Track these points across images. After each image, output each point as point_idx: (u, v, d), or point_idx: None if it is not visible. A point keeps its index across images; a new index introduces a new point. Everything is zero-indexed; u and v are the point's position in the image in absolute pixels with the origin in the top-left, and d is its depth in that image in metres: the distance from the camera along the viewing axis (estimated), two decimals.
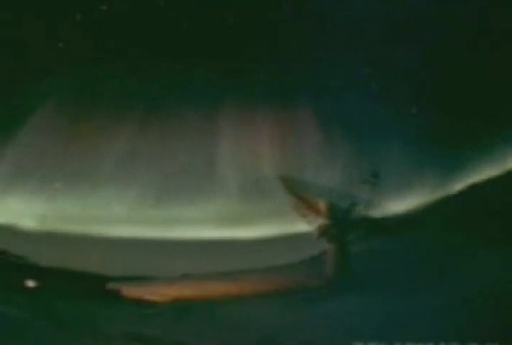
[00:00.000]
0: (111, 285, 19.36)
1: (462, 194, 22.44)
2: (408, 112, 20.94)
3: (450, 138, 20.90)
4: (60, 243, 20.41)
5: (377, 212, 19.46)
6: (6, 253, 18.79)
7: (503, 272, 12.18)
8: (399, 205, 21.27)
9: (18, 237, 19.79)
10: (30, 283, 17.19)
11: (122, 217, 22.01)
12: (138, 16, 19.11)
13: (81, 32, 19.08)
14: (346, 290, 16.58)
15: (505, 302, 8.84)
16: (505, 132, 20.45)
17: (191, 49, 19.73)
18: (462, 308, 9.50)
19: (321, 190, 19.38)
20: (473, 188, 22.25)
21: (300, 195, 19.55)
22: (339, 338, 9.05)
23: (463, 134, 20.75)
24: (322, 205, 19.39)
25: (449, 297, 10.99)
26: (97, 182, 21.18)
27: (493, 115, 20.01)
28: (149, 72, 19.75)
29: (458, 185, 22.29)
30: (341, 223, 19.43)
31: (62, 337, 9.16)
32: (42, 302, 14.01)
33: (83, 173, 21.06)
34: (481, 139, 20.81)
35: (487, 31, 18.49)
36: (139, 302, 17.79)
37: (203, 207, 22.18)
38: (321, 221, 19.35)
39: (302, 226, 20.72)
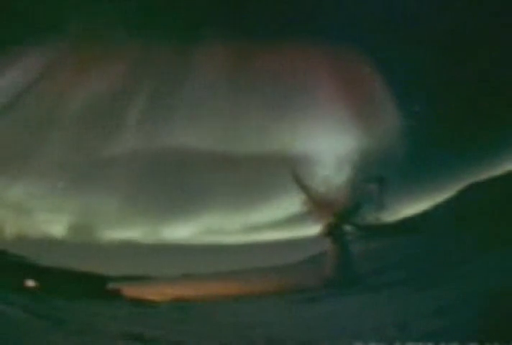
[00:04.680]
0: (111, 285, 19.36)
1: (462, 194, 22.44)
2: (411, 110, 20.94)
3: (452, 138, 20.93)
4: (61, 244, 20.44)
5: (379, 213, 19.56)
6: (6, 253, 18.79)
7: (502, 272, 12.18)
8: (400, 205, 21.31)
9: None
10: (30, 283, 17.18)
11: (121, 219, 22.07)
12: None
13: None
14: (346, 290, 16.60)
15: (505, 302, 8.83)
16: (505, 133, 20.45)
17: None
18: (462, 308, 9.51)
19: (328, 190, 19.50)
20: (473, 188, 22.26)
21: (309, 193, 19.66)
22: (339, 338, 9.05)
23: (464, 135, 20.77)
24: (328, 204, 19.51)
25: (449, 297, 10.99)
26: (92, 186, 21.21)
27: (494, 116, 20.01)
28: None
29: (458, 185, 22.31)
30: (344, 224, 19.53)
31: (62, 337, 9.15)
32: (42, 302, 14.00)
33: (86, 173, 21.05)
34: (482, 139, 20.81)
35: (497, 34, 18.44)
36: (139, 302, 17.79)
37: (203, 211, 22.23)
38: (326, 221, 19.47)
39: (303, 227, 20.78)
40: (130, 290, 19.22)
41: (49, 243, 19.86)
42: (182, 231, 22.67)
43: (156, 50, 19.77)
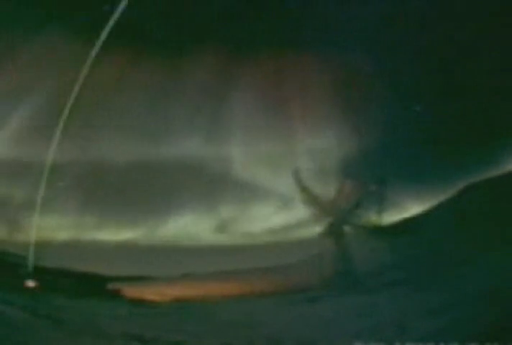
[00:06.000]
0: (111, 285, 19.35)
1: (462, 194, 22.44)
2: (412, 110, 20.92)
3: (452, 138, 20.92)
4: (61, 244, 20.42)
5: (379, 213, 19.57)
6: (6, 253, 18.79)
7: (502, 273, 12.19)
8: (400, 206, 21.30)
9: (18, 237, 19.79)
10: (30, 283, 17.19)
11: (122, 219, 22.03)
12: None
13: None
14: (347, 290, 16.62)
15: (505, 302, 8.85)
16: (505, 133, 20.45)
17: None
18: (462, 308, 9.52)
19: (328, 190, 19.53)
20: (473, 188, 22.26)
21: (309, 193, 19.68)
22: (339, 338, 9.07)
23: (465, 135, 20.76)
24: (328, 204, 19.54)
25: (449, 298, 11.01)
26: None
27: (495, 116, 20.01)
28: None
29: (458, 185, 22.28)
30: (344, 224, 19.57)
31: (62, 337, 9.17)
32: (42, 302, 14.02)
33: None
34: (482, 139, 20.81)
35: (497, 34, 18.43)
36: (139, 302, 17.78)
37: (203, 208, 22.18)
38: (326, 221, 19.51)
39: (303, 227, 20.77)
40: (130, 290, 19.21)
41: (49, 243, 19.84)
42: (182, 231, 22.65)
43: (143, 58, 19.72)
